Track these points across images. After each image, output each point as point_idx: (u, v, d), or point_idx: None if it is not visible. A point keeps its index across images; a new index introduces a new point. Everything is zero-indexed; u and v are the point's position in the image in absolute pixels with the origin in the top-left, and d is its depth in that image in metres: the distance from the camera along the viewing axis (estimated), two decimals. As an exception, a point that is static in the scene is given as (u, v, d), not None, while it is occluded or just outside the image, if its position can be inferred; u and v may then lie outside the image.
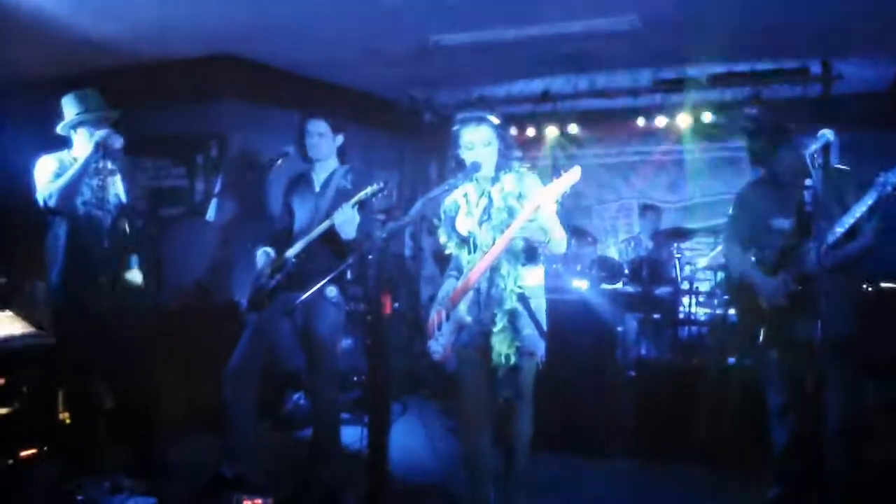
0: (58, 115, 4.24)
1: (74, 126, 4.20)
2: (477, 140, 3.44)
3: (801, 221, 3.66)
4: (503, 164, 3.49)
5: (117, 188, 4.24)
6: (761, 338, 3.86)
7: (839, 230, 3.52)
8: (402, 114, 7.99)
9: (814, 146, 3.45)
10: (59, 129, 4.23)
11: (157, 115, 6.21)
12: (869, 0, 4.90)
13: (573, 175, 3.13)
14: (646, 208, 7.96)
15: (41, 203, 4.14)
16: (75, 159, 4.14)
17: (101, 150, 4.10)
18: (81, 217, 4.16)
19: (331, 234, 4.07)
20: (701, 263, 7.49)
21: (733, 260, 4.09)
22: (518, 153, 3.61)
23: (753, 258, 3.95)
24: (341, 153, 4.38)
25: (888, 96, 7.34)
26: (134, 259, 4.32)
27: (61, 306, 4.20)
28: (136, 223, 4.35)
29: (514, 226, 3.24)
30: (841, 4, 5.00)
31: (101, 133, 4.10)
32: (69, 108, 4.21)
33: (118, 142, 4.16)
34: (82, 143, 4.17)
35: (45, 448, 4.49)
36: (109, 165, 4.21)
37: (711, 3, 5.04)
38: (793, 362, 3.75)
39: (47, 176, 4.12)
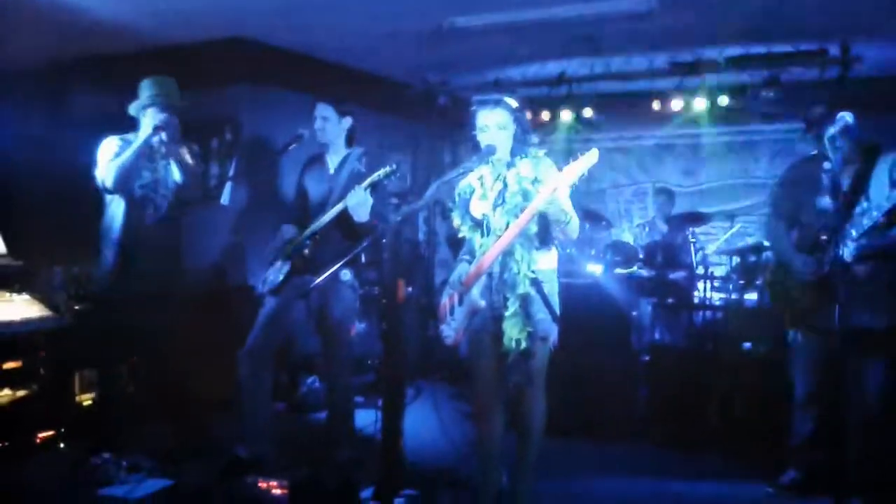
0: (84, 104, 4.29)
1: (145, 107, 4.28)
2: (492, 123, 3.42)
3: (844, 203, 3.59)
4: (519, 149, 3.47)
5: (174, 173, 4.28)
6: (791, 320, 3.80)
7: (876, 214, 3.44)
8: (417, 97, 7.96)
9: (832, 129, 3.40)
10: (131, 109, 4.32)
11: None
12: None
13: (591, 157, 3.11)
14: (659, 192, 7.93)
15: (99, 182, 4.22)
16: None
17: (159, 133, 4.14)
18: (138, 199, 4.22)
19: (344, 217, 4.07)
20: (711, 248, 7.45)
21: (775, 237, 4.01)
22: (535, 138, 3.57)
23: (794, 237, 3.88)
24: (349, 137, 4.37)
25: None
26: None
27: (110, 285, 4.28)
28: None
29: (531, 207, 3.23)
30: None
31: (161, 116, 4.19)
32: (143, 91, 4.29)
33: (176, 127, 4.25)
34: (148, 126, 4.24)
35: (62, 430, 4.53)
36: (164, 150, 4.25)
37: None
38: (820, 348, 3.71)
39: (108, 156, 4.21)
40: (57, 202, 4.47)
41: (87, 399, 4.74)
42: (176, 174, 4.30)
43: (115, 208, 4.26)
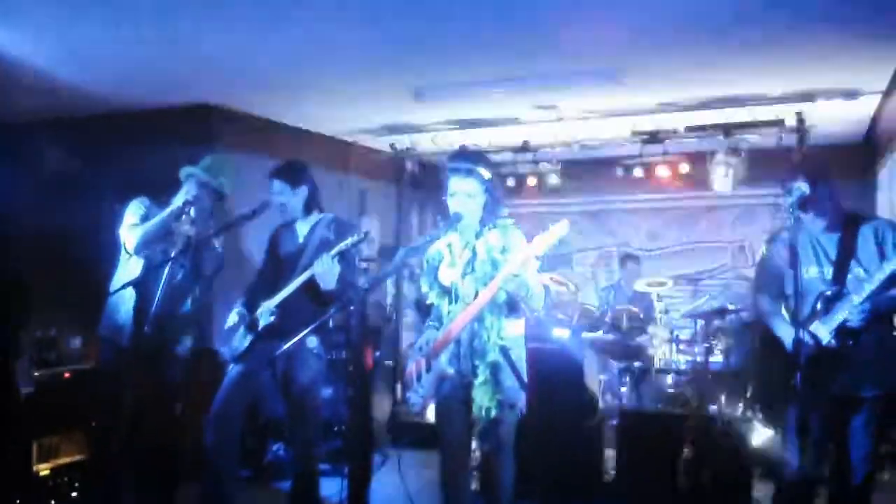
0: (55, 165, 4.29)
1: (189, 176, 4.31)
2: (461, 190, 3.46)
3: (837, 271, 3.55)
4: (489, 219, 3.50)
5: (197, 249, 4.28)
6: (786, 393, 3.55)
7: (881, 277, 3.37)
8: (385, 162, 8.05)
9: (789, 199, 3.46)
10: (181, 172, 4.34)
11: (139, 162, 6.23)
12: (840, 53, 5.05)
13: (561, 229, 3.14)
14: (626, 258, 8.01)
15: (121, 242, 4.23)
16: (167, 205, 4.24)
17: (188, 207, 4.16)
18: (154, 266, 4.16)
19: (311, 285, 4.07)
20: (676, 313, 7.52)
21: (763, 310, 3.83)
22: (506, 210, 3.59)
23: (784, 309, 3.73)
24: (308, 205, 4.35)
25: (860, 148, 7.52)
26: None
27: (112, 344, 4.25)
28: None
29: (497, 279, 3.25)
30: (814, 59, 5.15)
31: (194, 192, 4.21)
32: (202, 163, 4.34)
33: (206, 205, 4.28)
34: (181, 197, 4.25)
35: (18, 502, 4.40)
36: (189, 227, 4.23)
37: (688, 56, 5.15)
38: (827, 421, 3.56)
39: (133, 219, 4.23)
40: (18, 264, 4.44)
41: (44, 469, 4.61)
42: (204, 260, 4.35)
43: (131, 268, 4.22)
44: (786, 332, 3.64)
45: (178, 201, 4.23)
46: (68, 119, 6.32)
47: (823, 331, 3.52)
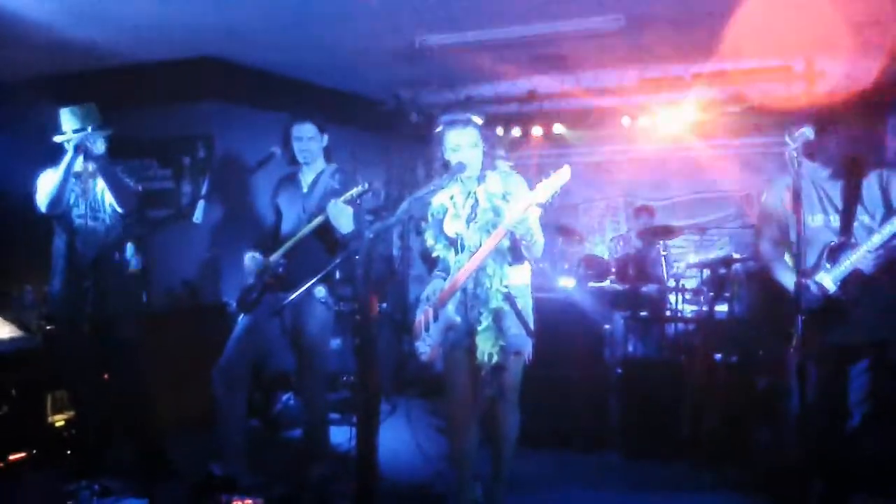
0: (52, 123, 4.27)
1: (66, 136, 4.22)
2: (464, 142, 3.46)
3: (844, 219, 3.48)
4: (488, 164, 3.51)
5: (107, 197, 4.27)
6: (794, 342, 3.37)
7: (890, 229, 3.31)
8: (389, 114, 8.01)
9: (794, 144, 3.42)
10: (56, 139, 4.24)
11: (143, 116, 6.20)
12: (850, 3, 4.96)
13: (563, 175, 3.14)
14: (640, 210, 7.96)
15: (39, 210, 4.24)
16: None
17: (81, 152, 4.12)
18: (77, 227, 4.22)
19: (320, 233, 4.09)
20: (679, 266, 7.52)
21: (767, 257, 3.75)
22: (503, 152, 3.60)
23: (789, 258, 3.67)
24: (327, 153, 4.40)
25: (870, 93, 7.41)
26: (131, 257, 4.39)
27: (59, 311, 4.30)
28: (128, 227, 4.41)
29: (502, 226, 3.27)
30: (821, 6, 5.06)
31: (79, 136, 4.13)
32: (62, 120, 4.24)
33: (98, 144, 4.20)
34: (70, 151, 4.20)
35: (34, 452, 4.49)
36: (91, 168, 4.22)
37: (695, 3, 5.08)
38: (829, 368, 3.52)
39: (41, 186, 4.21)
40: (26, 220, 4.47)
41: (59, 420, 4.69)
42: (109, 197, 4.28)
43: (59, 240, 4.28)
44: (790, 280, 3.56)
45: (68, 154, 4.17)
46: (76, 76, 6.27)
47: (829, 280, 3.46)
